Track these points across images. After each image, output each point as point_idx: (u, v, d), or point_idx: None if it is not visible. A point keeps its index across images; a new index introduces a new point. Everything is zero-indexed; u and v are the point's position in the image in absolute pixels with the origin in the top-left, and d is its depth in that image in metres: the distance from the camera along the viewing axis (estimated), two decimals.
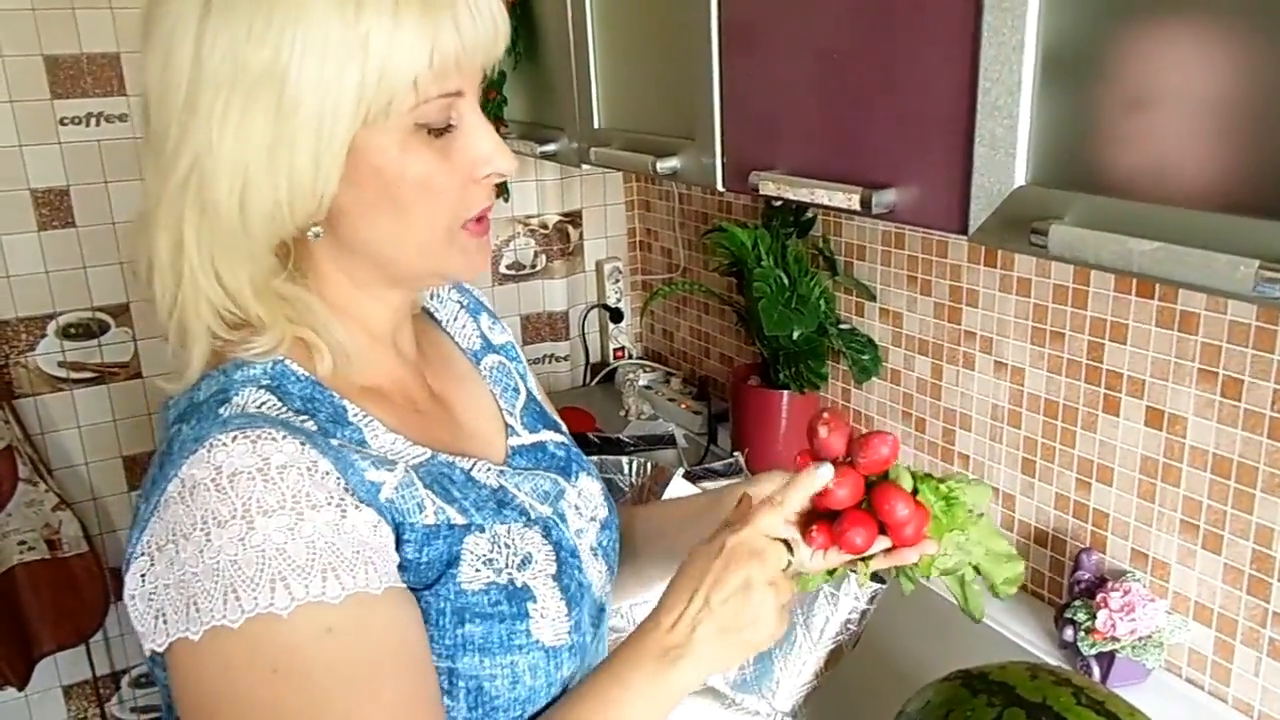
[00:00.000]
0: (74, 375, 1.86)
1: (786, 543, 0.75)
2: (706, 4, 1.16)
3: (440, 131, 0.70)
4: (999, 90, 0.80)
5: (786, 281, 1.60)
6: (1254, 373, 1.08)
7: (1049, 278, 1.29)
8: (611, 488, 1.19)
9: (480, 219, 0.75)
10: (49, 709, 1.96)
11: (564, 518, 0.83)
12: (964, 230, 0.87)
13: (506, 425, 0.89)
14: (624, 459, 1.33)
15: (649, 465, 1.33)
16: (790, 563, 0.75)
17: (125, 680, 2.03)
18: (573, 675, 0.78)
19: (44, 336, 1.83)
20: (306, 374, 0.72)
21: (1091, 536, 1.30)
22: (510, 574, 0.74)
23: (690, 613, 0.72)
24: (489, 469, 0.80)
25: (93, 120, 1.78)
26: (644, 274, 2.35)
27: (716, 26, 1.16)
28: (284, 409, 0.68)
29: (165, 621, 0.61)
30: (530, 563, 0.76)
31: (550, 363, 2.32)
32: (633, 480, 1.32)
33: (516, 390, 0.94)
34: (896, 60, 0.92)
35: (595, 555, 0.86)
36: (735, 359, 2.02)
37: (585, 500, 0.88)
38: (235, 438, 0.62)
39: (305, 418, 0.69)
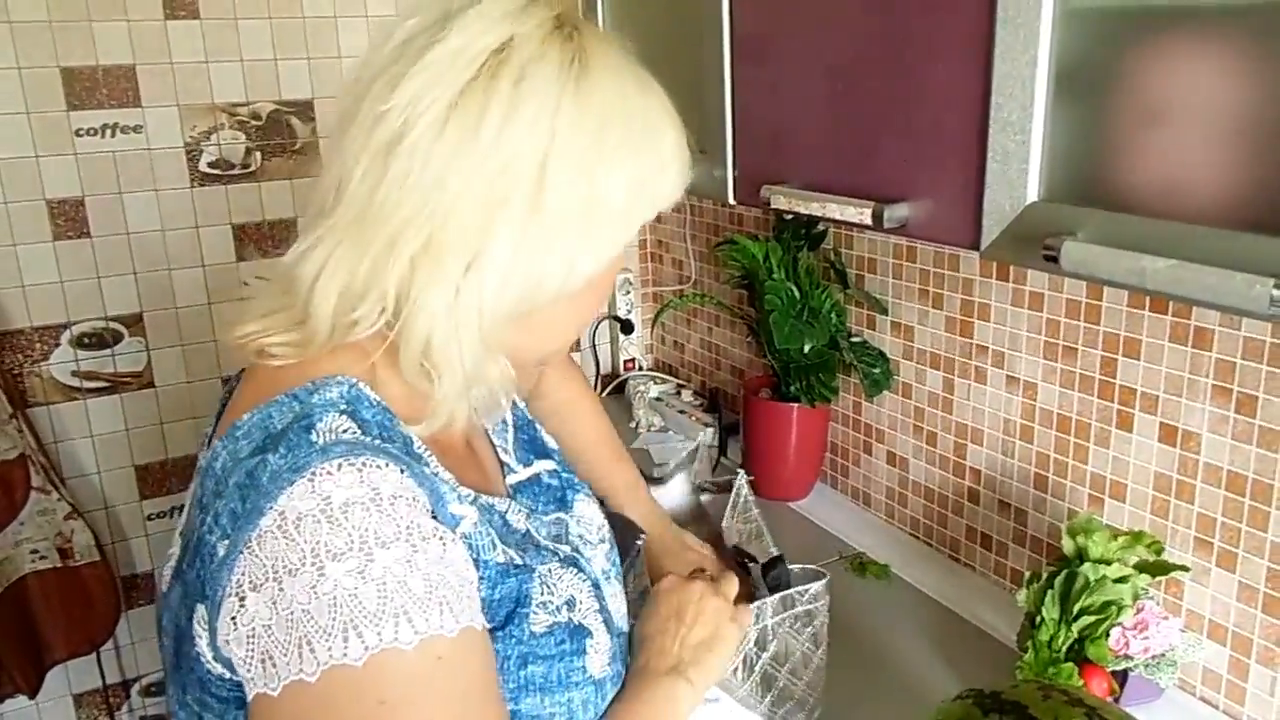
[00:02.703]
0: (87, 385, 1.87)
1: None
2: (719, 17, 1.16)
3: None
4: (1012, 106, 0.80)
5: (797, 294, 1.60)
6: (1269, 389, 1.07)
7: (1061, 292, 1.29)
8: None
9: None
10: (59, 717, 1.97)
11: (580, 551, 0.83)
12: (976, 246, 0.86)
13: (502, 463, 0.87)
14: None
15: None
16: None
17: (135, 689, 2.04)
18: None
19: (58, 346, 1.83)
20: (378, 400, 0.69)
21: None
22: (566, 614, 0.74)
23: (680, 635, 0.87)
24: (519, 511, 0.79)
25: (108, 131, 1.79)
26: (655, 285, 2.35)
27: (729, 40, 1.17)
28: (365, 436, 0.66)
29: (274, 665, 0.58)
30: (576, 603, 0.75)
31: None
32: None
33: (505, 422, 0.91)
34: (909, 75, 0.92)
35: (609, 579, 0.85)
36: (746, 371, 2.01)
37: (586, 526, 0.87)
38: (340, 466, 0.60)
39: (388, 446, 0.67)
